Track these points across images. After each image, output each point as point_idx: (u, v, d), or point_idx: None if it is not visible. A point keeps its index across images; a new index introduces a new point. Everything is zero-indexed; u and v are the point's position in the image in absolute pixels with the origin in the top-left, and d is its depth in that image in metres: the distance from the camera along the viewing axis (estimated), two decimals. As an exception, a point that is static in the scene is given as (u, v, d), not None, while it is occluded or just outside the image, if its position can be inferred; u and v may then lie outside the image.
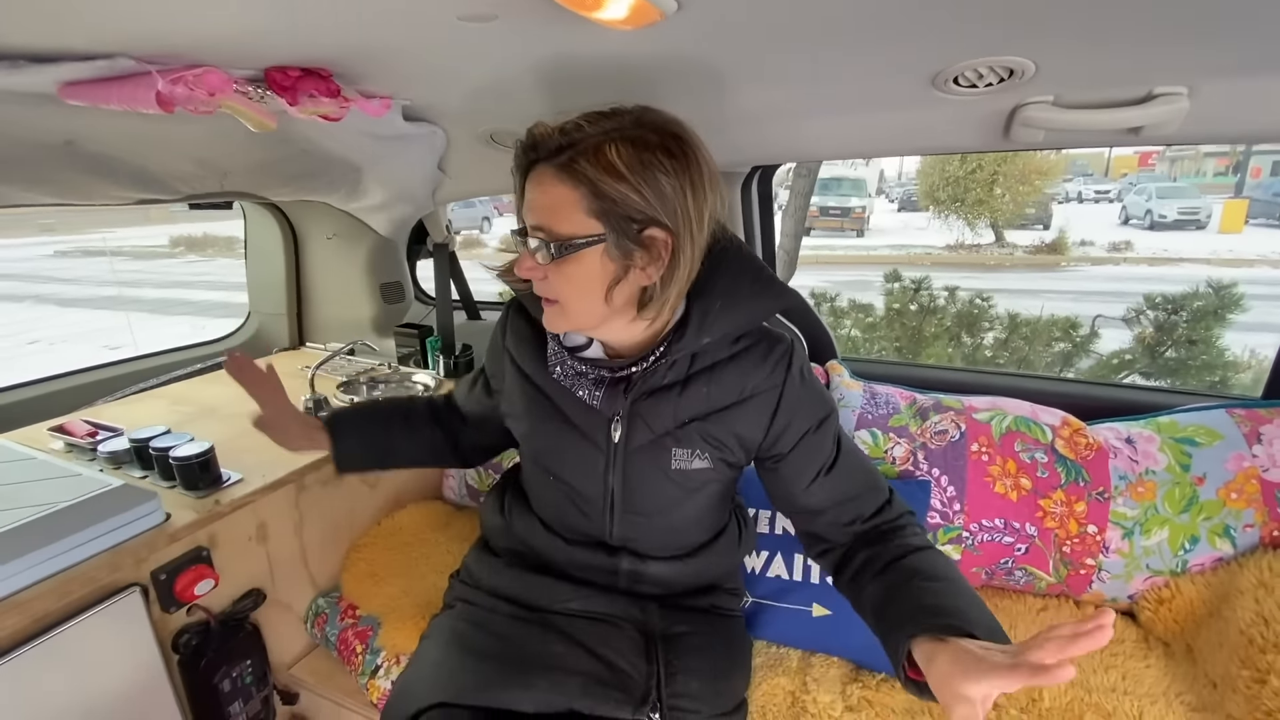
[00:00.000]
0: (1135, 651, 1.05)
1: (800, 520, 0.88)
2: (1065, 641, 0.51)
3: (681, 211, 0.69)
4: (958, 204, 9.96)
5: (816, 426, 0.83)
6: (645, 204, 0.67)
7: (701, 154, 0.71)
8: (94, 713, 0.88)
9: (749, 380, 0.81)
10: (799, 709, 0.96)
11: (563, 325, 0.77)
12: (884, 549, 0.78)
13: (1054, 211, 12.83)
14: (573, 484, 0.87)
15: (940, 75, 0.89)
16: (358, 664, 1.15)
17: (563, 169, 0.68)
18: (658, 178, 0.67)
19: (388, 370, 1.70)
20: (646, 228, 0.69)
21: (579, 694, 0.77)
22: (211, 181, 1.28)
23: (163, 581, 0.96)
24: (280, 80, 0.83)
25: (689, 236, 0.70)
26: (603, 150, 0.66)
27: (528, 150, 0.71)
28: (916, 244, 11.58)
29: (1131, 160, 22.00)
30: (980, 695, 0.54)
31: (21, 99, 0.84)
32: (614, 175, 0.66)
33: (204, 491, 1.04)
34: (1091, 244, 11.09)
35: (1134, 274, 9.40)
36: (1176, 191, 13.42)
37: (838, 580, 0.84)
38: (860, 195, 13.38)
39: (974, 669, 0.54)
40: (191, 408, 1.43)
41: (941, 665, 0.58)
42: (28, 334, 7.20)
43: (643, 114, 0.70)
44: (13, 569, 0.80)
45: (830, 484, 0.83)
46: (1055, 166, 10.64)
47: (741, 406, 0.81)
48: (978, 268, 10.21)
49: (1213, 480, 1.07)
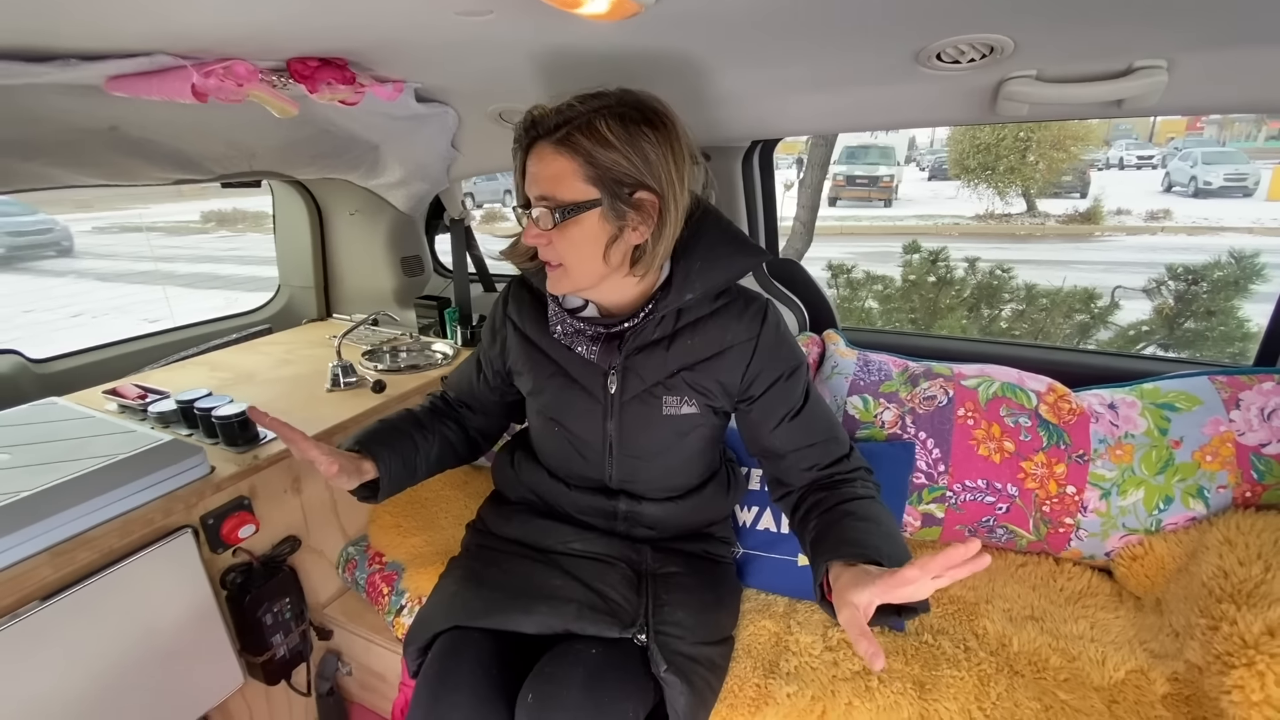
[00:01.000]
0: (1107, 604, 1.11)
1: (768, 464, 0.99)
2: (929, 561, 0.62)
3: (665, 175, 0.79)
4: (988, 172, 9.67)
5: (788, 375, 0.93)
6: (634, 169, 0.77)
7: (679, 126, 0.81)
8: (158, 634, 1.01)
9: (728, 333, 0.91)
10: (782, 648, 1.05)
11: (566, 286, 0.86)
12: (830, 495, 0.89)
13: (1092, 179, 12.37)
14: (575, 432, 0.97)
15: (923, 52, 0.93)
16: (384, 604, 1.26)
17: (561, 143, 0.77)
18: (643, 146, 0.77)
19: (409, 340, 1.80)
20: (636, 190, 0.79)
21: (574, 617, 0.86)
22: (241, 162, 1.37)
23: (210, 525, 1.08)
24: (301, 70, 0.90)
25: (673, 198, 0.80)
26: (594, 124, 0.76)
27: (528, 129, 0.81)
28: (945, 214, 11.32)
29: (1179, 124, 20.98)
30: (861, 602, 0.66)
31: (71, 91, 0.93)
32: (605, 145, 0.76)
33: (243, 448, 1.15)
34: (1128, 213, 10.70)
35: (1171, 244, 9.08)
36: (1223, 157, 12.79)
37: (792, 521, 0.95)
38: (889, 163, 13.01)
39: (861, 581, 0.67)
40: (229, 373, 1.54)
41: (841, 582, 0.71)
42: (71, 307, 7.52)
43: (624, 94, 0.79)
44: (81, 511, 0.91)
45: (794, 429, 0.93)
46: (1093, 132, 10.23)
47: (722, 357, 0.91)
48: (1007, 238, 9.96)
49: (1189, 443, 1.11)
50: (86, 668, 0.93)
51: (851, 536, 0.79)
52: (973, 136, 9.63)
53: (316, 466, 0.87)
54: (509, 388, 1.07)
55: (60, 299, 8.04)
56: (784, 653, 1.04)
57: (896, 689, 0.96)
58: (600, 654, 0.82)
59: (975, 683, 0.96)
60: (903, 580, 0.63)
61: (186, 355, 1.72)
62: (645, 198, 0.79)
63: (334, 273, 2.08)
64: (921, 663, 1.00)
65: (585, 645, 0.83)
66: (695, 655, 0.88)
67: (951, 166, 10.66)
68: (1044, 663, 0.99)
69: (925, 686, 0.96)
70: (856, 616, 0.65)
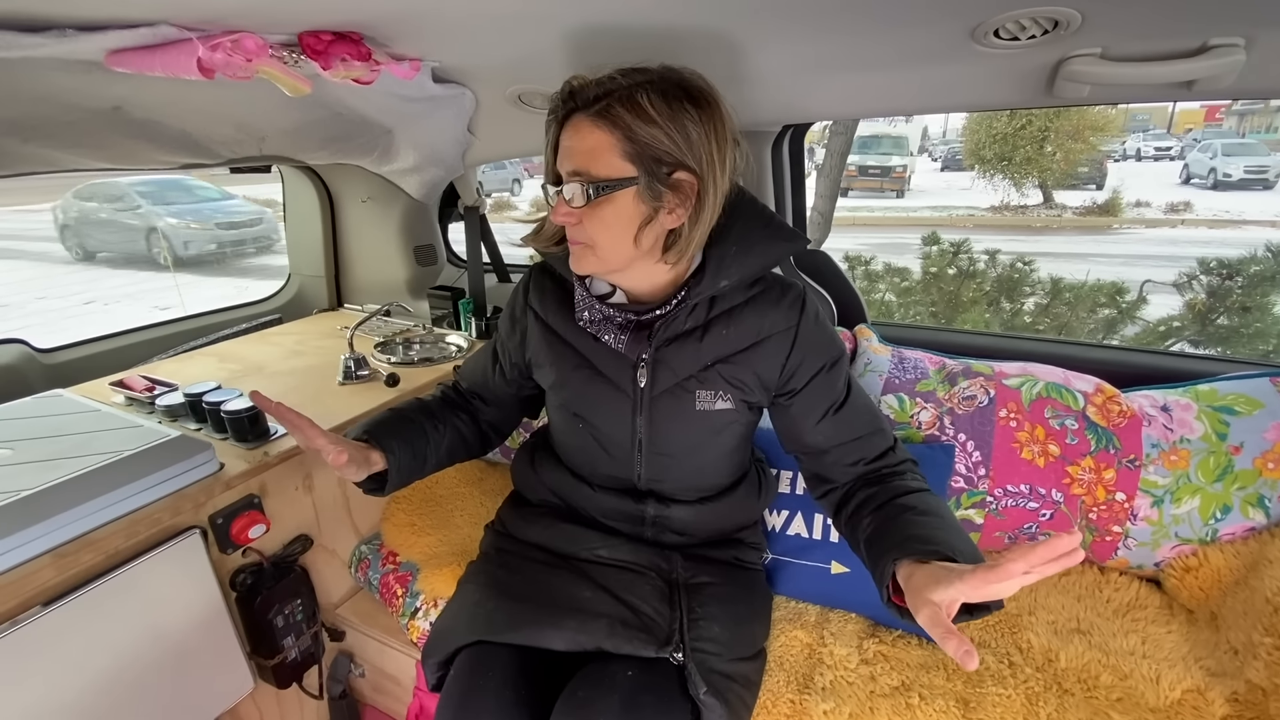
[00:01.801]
0: (1157, 618, 1.05)
1: (808, 460, 0.93)
2: (1031, 552, 0.56)
3: (707, 157, 0.74)
4: (1004, 163, 9.50)
5: (830, 366, 0.87)
6: (675, 147, 0.72)
7: (724, 107, 0.76)
8: (165, 638, 0.97)
9: (765, 321, 0.86)
10: (815, 660, 1.00)
11: (592, 266, 0.81)
12: (882, 490, 0.83)
13: (1109, 170, 12.15)
14: (601, 428, 0.91)
15: (980, 28, 0.86)
16: (399, 606, 1.22)
17: (600, 115, 0.73)
18: (686, 124, 0.72)
19: (422, 331, 1.75)
20: (675, 170, 0.74)
21: (605, 635, 0.81)
22: (250, 145, 1.31)
23: (220, 525, 1.04)
24: (313, 44, 0.85)
25: (713, 181, 0.75)
26: (636, 97, 0.71)
27: (566, 100, 0.76)
28: (959, 205, 11.15)
29: (1197, 115, 20.58)
30: (943, 600, 0.60)
31: (71, 67, 0.87)
32: (646, 120, 0.71)
33: (254, 444, 1.11)
34: (1147, 205, 10.50)
35: (1191, 237, 8.91)
36: (1244, 149, 12.54)
37: (837, 519, 0.89)
38: (901, 154, 12.84)
39: (941, 578, 0.61)
40: (239, 365, 1.50)
41: (916, 580, 0.65)
42: (83, 295, 7.53)
43: (668, 70, 0.74)
44: (86, 510, 0.87)
45: (837, 423, 0.88)
46: (1112, 122, 10.04)
47: (759, 347, 0.86)
48: (1023, 230, 9.80)
49: (1250, 449, 1.04)
50: (90, 676, 0.89)
51: (918, 532, 0.73)
52: (989, 126, 9.46)
53: (324, 456, 0.82)
54: (526, 381, 1.02)
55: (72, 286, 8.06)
56: (818, 666, 0.99)
57: (939, 707, 0.91)
58: (635, 676, 0.77)
59: (1023, 701, 0.91)
60: (1004, 574, 0.56)
61: (195, 345, 1.68)
62: (684, 179, 0.75)
63: (345, 262, 2.03)
64: (964, 679, 0.95)
65: (619, 666, 0.78)
66: (731, 673, 0.83)
67: (967, 157, 10.48)
68: (1094, 680, 0.94)
69: (970, 705, 0.91)
70: (939, 615, 0.59)
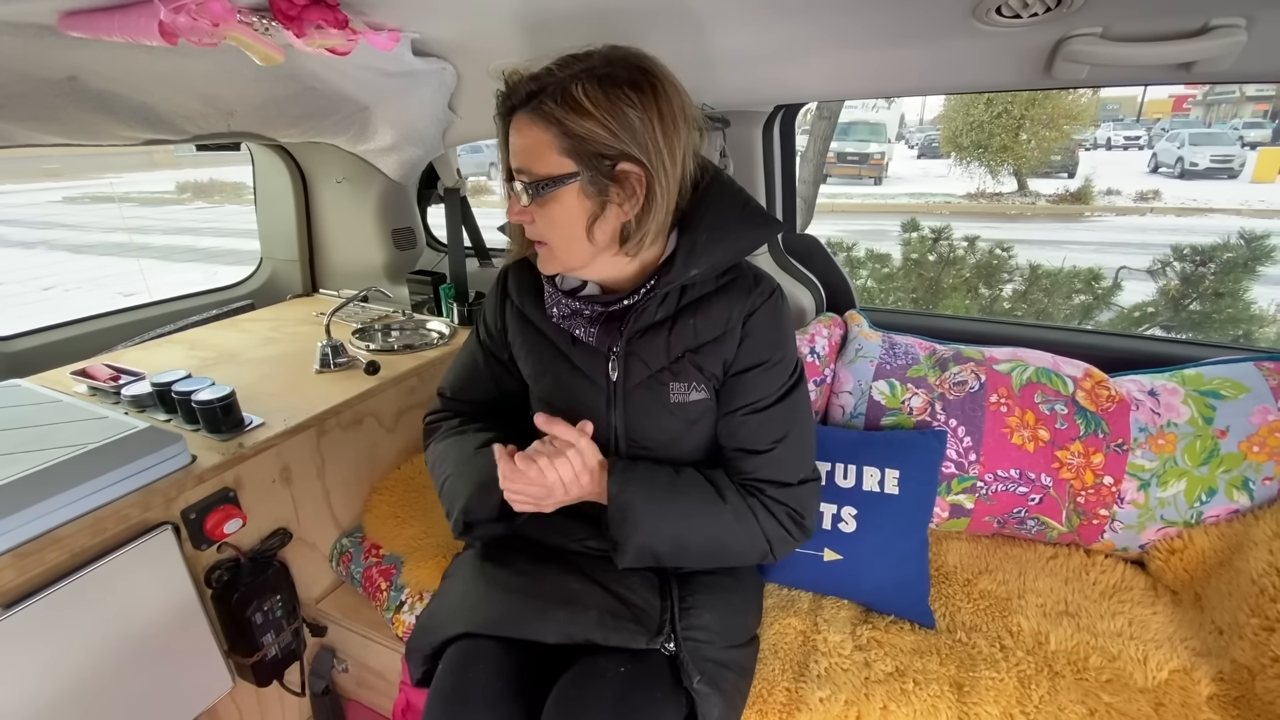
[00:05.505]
0: (1142, 599, 1.07)
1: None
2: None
3: (652, 145, 0.71)
4: (981, 150, 9.59)
5: (769, 366, 0.84)
6: (614, 139, 0.70)
7: (669, 86, 0.72)
8: (137, 640, 0.93)
9: (733, 311, 0.83)
10: (810, 648, 0.99)
11: (554, 266, 0.80)
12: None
13: (1080, 159, 12.36)
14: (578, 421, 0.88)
15: (983, 4, 0.84)
16: (382, 600, 1.19)
17: (534, 112, 0.71)
18: (625, 111, 0.69)
19: (402, 317, 1.70)
20: (619, 162, 0.71)
21: (595, 626, 0.79)
22: (218, 121, 1.25)
23: (193, 520, 0.99)
24: (286, 9, 0.79)
25: (662, 169, 0.72)
26: (569, 90, 0.69)
27: (505, 98, 0.74)
28: (936, 192, 11.25)
29: (1165, 105, 20.99)
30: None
31: (22, 31, 0.81)
32: (581, 113, 0.69)
33: (227, 435, 1.06)
34: (1118, 193, 10.72)
35: (1161, 224, 9.12)
36: (1210, 138, 12.83)
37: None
38: (880, 140, 12.89)
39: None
40: (210, 353, 1.44)
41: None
42: (42, 280, 7.25)
43: (610, 52, 0.72)
44: (48, 507, 0.82)
45: (747, 427, 0.84)
46: (1085, 111, 10.16)
47: (726, 337, 0.84)
48: (998, 217, 9.93)
49: (1235, 433, 1.06)
50: (58, 680, 0.84)
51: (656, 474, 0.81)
52: (966, 113, 9.54)
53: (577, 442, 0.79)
54: (514, 372, 0.98)
55: (31, 270, 7.74)
56: (813, 653, 0.98)
57: (933, 691, 0.90)
58: (627, 672, 0.75)
59: (1016, 684, 0.91)
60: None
61: (163, 333, 1.61)
62: (629, 170, 0.72)
63: (320, 245, 1.96)
64: (957, 663, 0.95)
65: (609, 662, 0.76)
66: (725, 660, 0.82)
67: (944, 144, 10.55)
68: (1084, 662, 0.95)
69: (964, 689, 0.91)
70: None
